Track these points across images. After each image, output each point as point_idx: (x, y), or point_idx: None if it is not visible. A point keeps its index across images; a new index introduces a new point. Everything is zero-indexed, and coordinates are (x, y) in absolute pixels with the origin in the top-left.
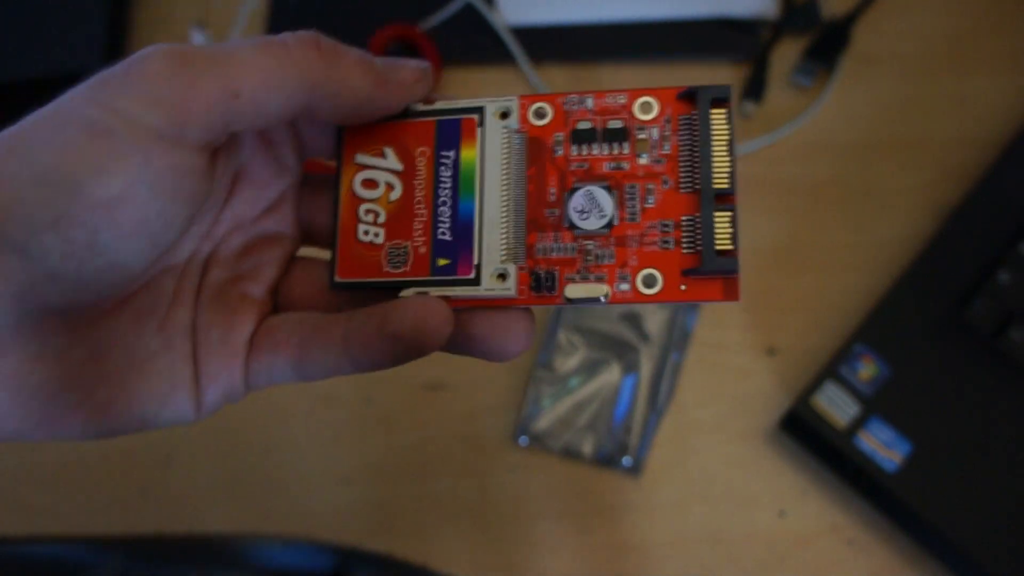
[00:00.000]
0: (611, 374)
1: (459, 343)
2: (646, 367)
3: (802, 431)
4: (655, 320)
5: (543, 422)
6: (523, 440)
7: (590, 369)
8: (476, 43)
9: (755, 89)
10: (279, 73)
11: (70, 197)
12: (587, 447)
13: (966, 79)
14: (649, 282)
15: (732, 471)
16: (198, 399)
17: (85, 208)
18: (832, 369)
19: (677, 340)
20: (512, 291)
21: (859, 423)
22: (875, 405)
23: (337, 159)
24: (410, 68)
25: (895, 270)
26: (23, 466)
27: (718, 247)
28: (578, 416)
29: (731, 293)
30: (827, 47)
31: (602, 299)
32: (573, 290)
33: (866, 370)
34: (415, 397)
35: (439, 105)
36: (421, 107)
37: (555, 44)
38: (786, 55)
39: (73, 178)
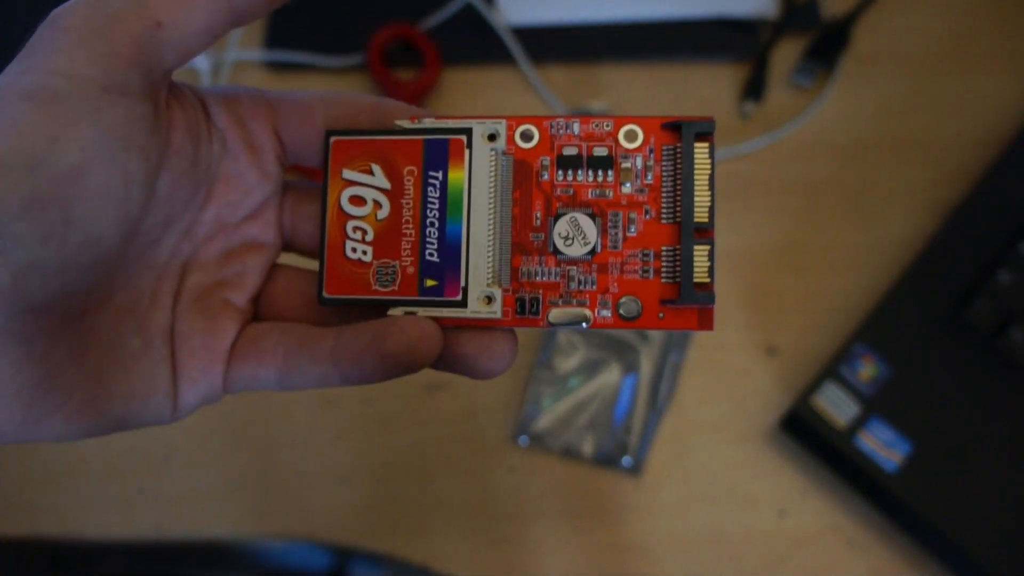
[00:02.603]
0: (611, 374)
1: (445, 361)
2: (646, 367)
3: (802, 431)
4: None
5: (543, 422)
6: (523, 440)
7: (590, 369)
8: (476, 43)
9: (755, 89)
10: None
11: (34, 177)
12: (587, 447)
13: (966, 79)
14: (629, 309)
15: (732, 471)
16: (175, 401)
17: (51, 184)
18: (832, 369)
19: (677, 340)
20: (498, 314)
21: (859, 423)
22: (875, 405)
23: (324, 171)
24: None
25: (895, 270)
26: (23, 466)
27: (696, 280)
28: (578, 416)
29: (706, 323)
30: (827, 47)
31: (583, 325)
32: (556, 315)
33: (866, 370)
34: (415, 397)
35: (427, 124)
36: (408, 124)
37: (555, 44)
38: (786, 55)
39: (32, 156)
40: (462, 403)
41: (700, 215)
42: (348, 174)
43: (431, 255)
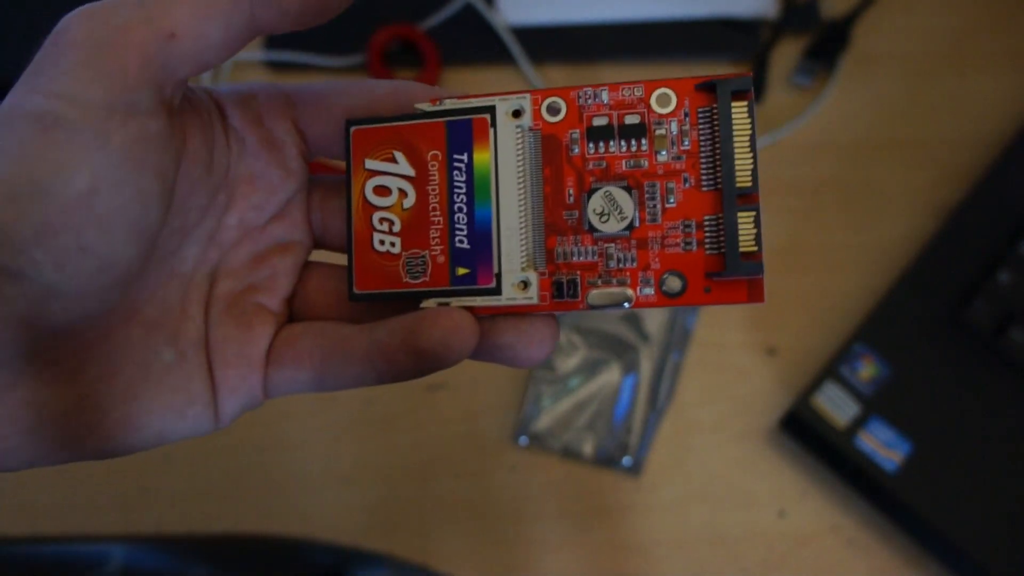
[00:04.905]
0: (611, 374)
1: (483, 351)
2: (646, 367)
3: (802, 431)
4: (655, 320)
5: (543, 422)
6: (523, 440)
7: (590, 369)
8: (476, 43)
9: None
10: None
11: (43, 204)
12: (587, 447)
13: (966, 79)
14: (673, 286)
15: (732, 471)
16: (216, 411)
17: (61, 211)
18: (832, 369)
19: (677, 340)
20: (534, 299)
21: (859, 423)
22: (875, 405)
23: (346, 163)
24: None
25: (895, 270)
26: None
27: (742, 248)
28: (578, 416)
29: (756, 295)
30: (827, 47)
31: (625, 305)
32: (596, 296)
33: (866, 370)
34: (415, 397)
35: (448, 104)
36: (429, 107)
37: (555, 44)
38: (786, 55)
39: (39, 183)
40: (462, 403)
41: (742, 179)
42: (371, 164)
43: (461, 242)
